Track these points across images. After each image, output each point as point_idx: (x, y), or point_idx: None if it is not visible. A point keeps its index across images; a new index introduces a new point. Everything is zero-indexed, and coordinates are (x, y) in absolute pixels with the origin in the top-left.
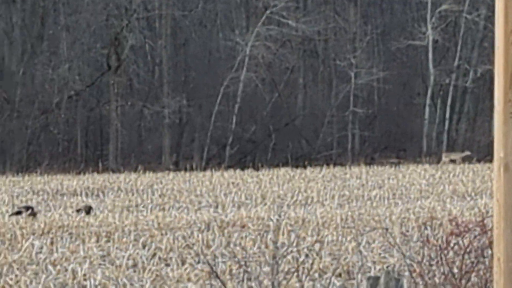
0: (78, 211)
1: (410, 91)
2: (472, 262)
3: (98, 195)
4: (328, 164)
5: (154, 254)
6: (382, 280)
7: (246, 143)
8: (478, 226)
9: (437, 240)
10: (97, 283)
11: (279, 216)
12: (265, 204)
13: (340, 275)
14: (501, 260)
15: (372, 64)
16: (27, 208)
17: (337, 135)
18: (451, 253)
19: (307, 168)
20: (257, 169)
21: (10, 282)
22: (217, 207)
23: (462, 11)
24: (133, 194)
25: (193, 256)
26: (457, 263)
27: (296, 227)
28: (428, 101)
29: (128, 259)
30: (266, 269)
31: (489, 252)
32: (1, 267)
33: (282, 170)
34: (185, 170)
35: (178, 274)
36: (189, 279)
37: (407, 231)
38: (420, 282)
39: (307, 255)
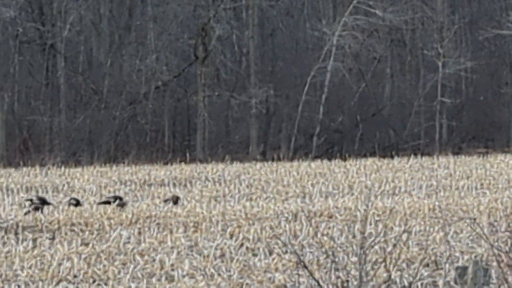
0: (165, 201)
1: (498, 80)
2: None
3: (185, 185)
4: (415, 154)
5: (242, 244)
6: (470, 270)
7: (333, 133)
8: None
9: None
10: (184, 273)
11: (367, 206)
12: (353, 194)
13: (427, 265)
14: None
15: (460, 54)
16: (116, 198)
17: (425, 125)
18: None
19: (395, 158)
20: (345, 159)
21: (98, 272)
22: (304, 197)
23: None
24: (220, 184)
25: (280, 246)
26: None
27: (383, 217)
28: None
29: (215, 249)
30: (354, 259)
31: None
32: (89, 257)
33: (370, 160)
34: (272, 160)
35: (266, 264)
36: (276, 269)
37: (495, 221)
38: (508, 272)
39: (394, 245)
